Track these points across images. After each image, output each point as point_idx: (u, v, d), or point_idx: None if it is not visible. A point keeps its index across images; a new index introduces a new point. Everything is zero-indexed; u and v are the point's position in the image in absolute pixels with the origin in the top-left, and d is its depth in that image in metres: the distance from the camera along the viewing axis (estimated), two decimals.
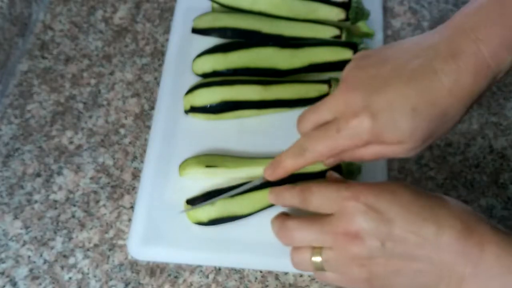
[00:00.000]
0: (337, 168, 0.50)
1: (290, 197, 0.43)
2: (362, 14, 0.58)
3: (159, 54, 0.61)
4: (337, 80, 0.54)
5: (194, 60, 0.56)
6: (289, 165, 0.42)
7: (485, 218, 0.39)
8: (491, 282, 0.36)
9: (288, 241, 0.42)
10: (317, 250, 0.40)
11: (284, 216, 0.43)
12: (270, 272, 0.49)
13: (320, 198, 0.41)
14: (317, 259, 0.40)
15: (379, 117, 0.37)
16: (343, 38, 0.57)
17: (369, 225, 0.38)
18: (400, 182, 0.41)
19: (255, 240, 0.49)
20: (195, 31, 0.58)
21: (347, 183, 0.42)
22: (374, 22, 0.60)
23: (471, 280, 0.36)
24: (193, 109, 0.54)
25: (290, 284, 0.48)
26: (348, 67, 0.42)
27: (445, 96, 0.37)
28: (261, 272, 0.49)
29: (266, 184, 0.47)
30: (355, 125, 0.38)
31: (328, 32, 0.57)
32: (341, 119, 0.39)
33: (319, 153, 0.40)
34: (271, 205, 0.49)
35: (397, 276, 0.38)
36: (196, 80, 0.56)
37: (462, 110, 0.38)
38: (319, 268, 0.41)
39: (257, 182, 0.47)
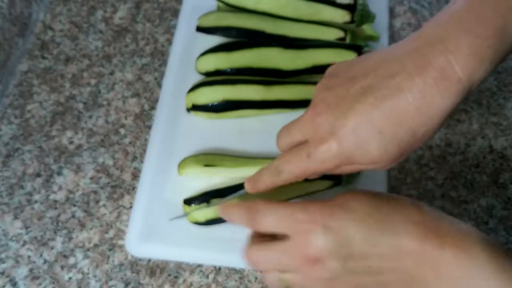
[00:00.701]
0: None
1: (237, 215, 0.41)
2: (367, 17, 0.58)
3: (159, 54, 0.61)
4: None
5: (197, 58, 0.56)
6: (267, 183, 0.42)
7: (451, 218, 0.38)
8: (455, 286, 0.35)
9: (253, 266, 0.41)
10: (284, 272, 0.40)
11: (250, 240, 0.42)
12: None
13: (272, 219, 0.39)
14: (285, 281, 0.40)
15: (346, 142, 0.37)
16: (348, 40, 0.57)
17: (328, 247, 0.37)
18: (357, 194, 0.40)
19: None
20: (200, 29, 0.58)
21: (300, 204, 0.40)
22: (379, 24, 0.60)
23: (435, 284, 0.36)
24: (195, 107, 0.54)
25: None
26: (318, 86, 0.41)
27: (413, 116, 0.35)
28: (261, 272, 0.49)
29: None
30: (323, 151, 0.38)
31: (333, 34, 0.57)
32: (311, 144, 0.39)
33: (293, 175, 0.41)
34: None
35: None
36: (199, 78, 0.56)
37: (435, 127, 0.36)
38: None
39: None
